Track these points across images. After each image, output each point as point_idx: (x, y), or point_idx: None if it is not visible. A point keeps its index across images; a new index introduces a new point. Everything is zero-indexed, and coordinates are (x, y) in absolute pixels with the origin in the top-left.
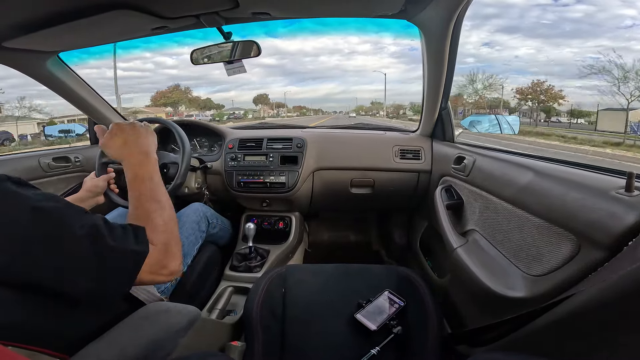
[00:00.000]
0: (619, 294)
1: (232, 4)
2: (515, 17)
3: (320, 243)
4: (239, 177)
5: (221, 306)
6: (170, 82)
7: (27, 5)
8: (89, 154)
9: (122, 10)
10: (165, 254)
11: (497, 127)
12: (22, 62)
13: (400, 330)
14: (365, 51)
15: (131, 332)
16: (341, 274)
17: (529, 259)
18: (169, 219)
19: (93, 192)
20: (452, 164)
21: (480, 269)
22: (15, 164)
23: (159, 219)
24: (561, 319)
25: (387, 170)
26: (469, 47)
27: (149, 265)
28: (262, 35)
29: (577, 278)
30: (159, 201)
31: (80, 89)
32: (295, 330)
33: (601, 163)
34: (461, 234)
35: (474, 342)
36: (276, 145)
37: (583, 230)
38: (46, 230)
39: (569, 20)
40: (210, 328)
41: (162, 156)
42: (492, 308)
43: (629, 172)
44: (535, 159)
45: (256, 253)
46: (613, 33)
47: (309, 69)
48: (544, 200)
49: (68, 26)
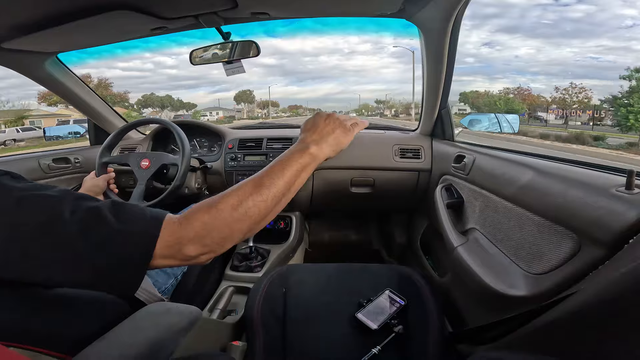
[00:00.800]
0: (620, 292)
1: (231, 4)
2: (516, 17)
3: (321, 242)
4: (239, 177)
5: (222, 306)
6: (170, 82)
7: (26, 7)
8: (89, 155)
9: (121, 11)
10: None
11: (497, 126)
12: (20, 63)
13: (401, 329)
14: (365, 51)
15: (132, 332)
16: (342, 274)
17: (530, 257)
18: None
19: (93, 192)
20: (452, 162)
21: (481, 268)
22: (14, 165)
23: (249, 199)
24: (562, 317)
25: (387, 170)
26: (469, 46)
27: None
28: (261, 35)
29: (578, 276)
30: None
31: (79, 89)
32: (296, 330)
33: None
34: (462, 233)
35: (475, 341)
36: (276, 145)
37: (584, 229)
38: (32, 220)
39: (570, 20)
40: (211, 328)
41: (161, 157)
42: (493, 307)
43: (629, 169)
44: (535, 157)
45: (257, 253)
46: (614, 33)
47: (309, 68)
48: (544, 199)
49: (66, 27)
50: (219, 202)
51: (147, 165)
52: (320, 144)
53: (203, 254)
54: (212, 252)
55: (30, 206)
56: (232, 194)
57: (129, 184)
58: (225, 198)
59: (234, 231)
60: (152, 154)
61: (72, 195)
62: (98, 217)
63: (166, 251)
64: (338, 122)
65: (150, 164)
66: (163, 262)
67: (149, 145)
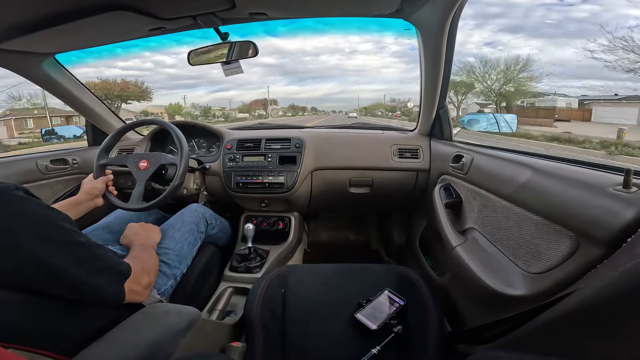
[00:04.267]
0: (618, 291)
1: (229, 5)
2: (519, 17)
3: (320, 243)
4: (238, 177)
5: (221, 307)
6: (170, 82)
7: (23, 7)
8: (87, 156)
9: (119, 11)
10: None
11: (495, 126)
12: (17, 64)
13: (401, 329)
14: (366, 50)
15: (131, 333)
16: (341, 274)
17: (528, 257)
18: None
19: (91, 194)
20: (450, 162)
21: (480, 267)
22: (12, 166)
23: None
24: (561, 316)
25: (386, 170)
26: (471, 46)
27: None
28: (261, 34)
29: (576, 275)
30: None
31: (76, 90)
32: (296, 331)
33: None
34: (460, 233)
35: (474, 341)
36: (274, 145)
37: (581, 228)
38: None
39: (574, 20)
40: (210, 329)
41: (160, 158)
42: (492, 306)
43: (626, 168)
44: (533, 156)
45: (255, 254)
46: (618, 33)
47: (309, 68)
48: (542, 198)
49: (64, 28)
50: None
51: (145, 166)
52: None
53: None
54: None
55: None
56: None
57: (128, 185)
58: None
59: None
60: (151, 154)
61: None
62: None
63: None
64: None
65: (148, 165)
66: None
67: (147, 146)
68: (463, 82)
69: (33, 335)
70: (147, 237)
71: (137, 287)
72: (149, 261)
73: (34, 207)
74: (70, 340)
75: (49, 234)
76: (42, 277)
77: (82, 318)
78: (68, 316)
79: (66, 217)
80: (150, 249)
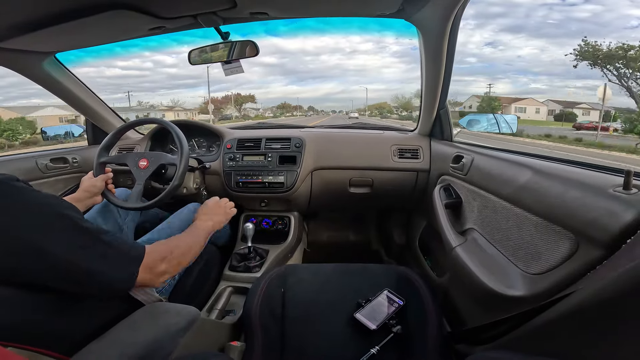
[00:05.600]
0: (617, 292)
1: (230, 4)
2: (521, 17)
3: (320, 243)
4: (238, 177)
5: (220, 306)
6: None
7: (23, 6)
8: (87, 155)
9: (119, 10)
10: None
11: (496, 126)
12: (18, 63)
13: (400, 329)
14: (366, 50)
15: (130, 332)
16: (340, 274)
17: (528, 258)
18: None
19: (90, 192)
20: (450, 162)
21: (479, 268)
22: (12, 165)
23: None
24: (560, 317)
25: (386, 170)
26: (472, 46)
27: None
28: (262, 34)
29: (576, 276)
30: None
31: (77, 89)
32: (295, 330)
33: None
34: (460, 233)
35: (474, 341)
36: (275, 145)
37: (581, 229)
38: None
39: (576, 20)
40: (210, 328)
41: (160, 157)
42: (491, 307)
43: (626, 169)
44: (533, 157)
45: (255, 253)
46: (619, 33)
47: (310, 68)
48: (542, 199)
49: (64, 27)
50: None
51: (145, 165)
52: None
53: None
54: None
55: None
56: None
57: (127, 184)
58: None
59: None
60: (150, 153)
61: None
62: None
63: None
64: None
65: (148, 164)
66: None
67: (147, 145)
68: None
69: (32, 334)
70: (208, 217)
71: (147, 274)
72: (181, 247)
73: (34, 197)
74: (70, 338)
75: (49, 223)
76: (41, 267)
77: (81, 316)
78: (68, 314)
79: (70, 206)
80: (200, 231)
